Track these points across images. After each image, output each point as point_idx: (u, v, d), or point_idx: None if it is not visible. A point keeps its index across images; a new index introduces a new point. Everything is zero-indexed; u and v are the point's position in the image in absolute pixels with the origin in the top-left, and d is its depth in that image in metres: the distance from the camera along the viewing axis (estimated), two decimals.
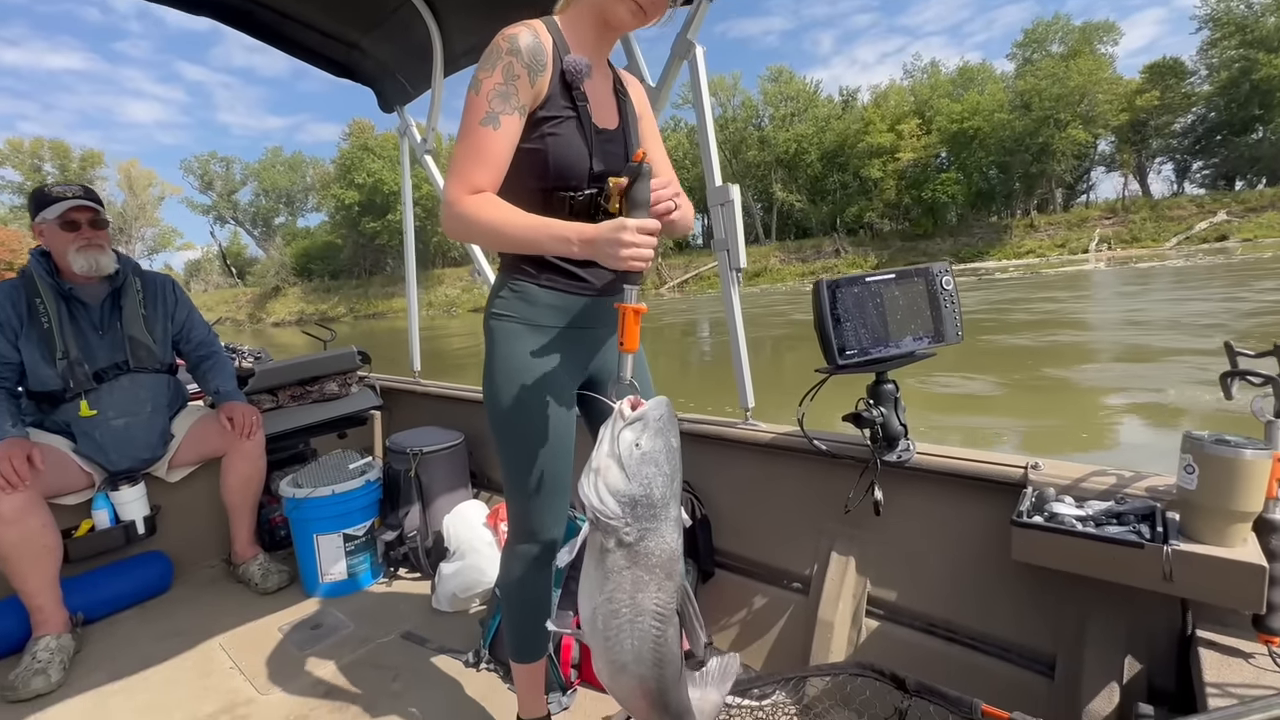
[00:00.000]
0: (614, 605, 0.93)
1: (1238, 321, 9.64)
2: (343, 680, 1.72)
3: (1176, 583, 1.03)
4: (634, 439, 0.90)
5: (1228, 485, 1.00)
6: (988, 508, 1.38)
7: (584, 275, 1.21)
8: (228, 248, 62.74)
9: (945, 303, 1.45)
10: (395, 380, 3.19)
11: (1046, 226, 35.06)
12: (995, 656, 1.36)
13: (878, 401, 1.45)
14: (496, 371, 1.19)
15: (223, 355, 2.42)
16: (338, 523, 2.18)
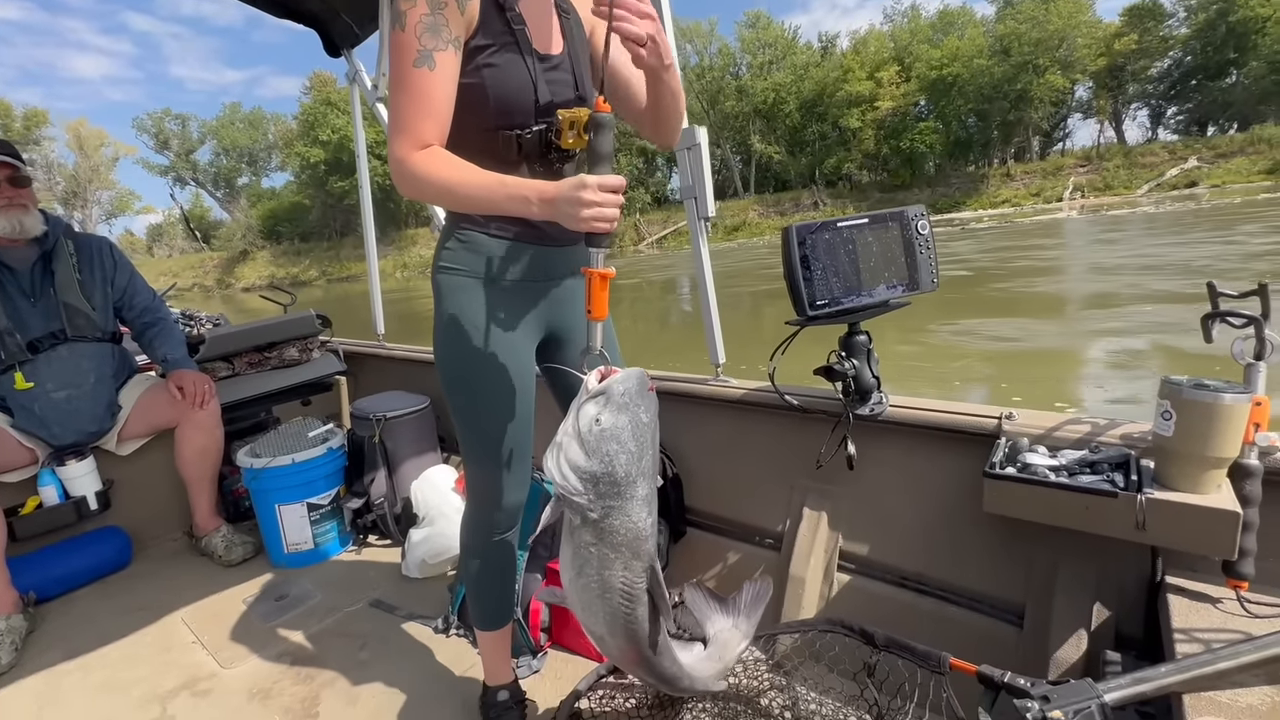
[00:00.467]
0: (585, 579, 0.90)
1: (1202, 267, 9.74)
2: (309, 650, 1.68)
3: (1149, 531, 1.00)
4: (595, 414, 0.85)
5: (1205, 431, 0.96)
6: (961, 459, 1.35)
7: (539, 224, 1.11)
8: (190, 210, 59.78)
9: (921, 248, 1.38)
10: (359, 345, 3.08)
11: (1022, 175, 34.91)
12: (965, 607, 1.35)
13: (850, 354, 1.40)
14: (445, 329, 1.11)
15: (169, 322, 2.29)
16: (300, 492, 2.11)
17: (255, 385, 2.57)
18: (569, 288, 1.20)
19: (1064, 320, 7.62)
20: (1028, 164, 36.71)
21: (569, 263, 1.19)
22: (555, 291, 1.19)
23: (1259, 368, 1.01)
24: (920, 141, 35.88)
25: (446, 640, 1.67)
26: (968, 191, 34.96)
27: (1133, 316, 7.14)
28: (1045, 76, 33.24)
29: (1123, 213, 23.41)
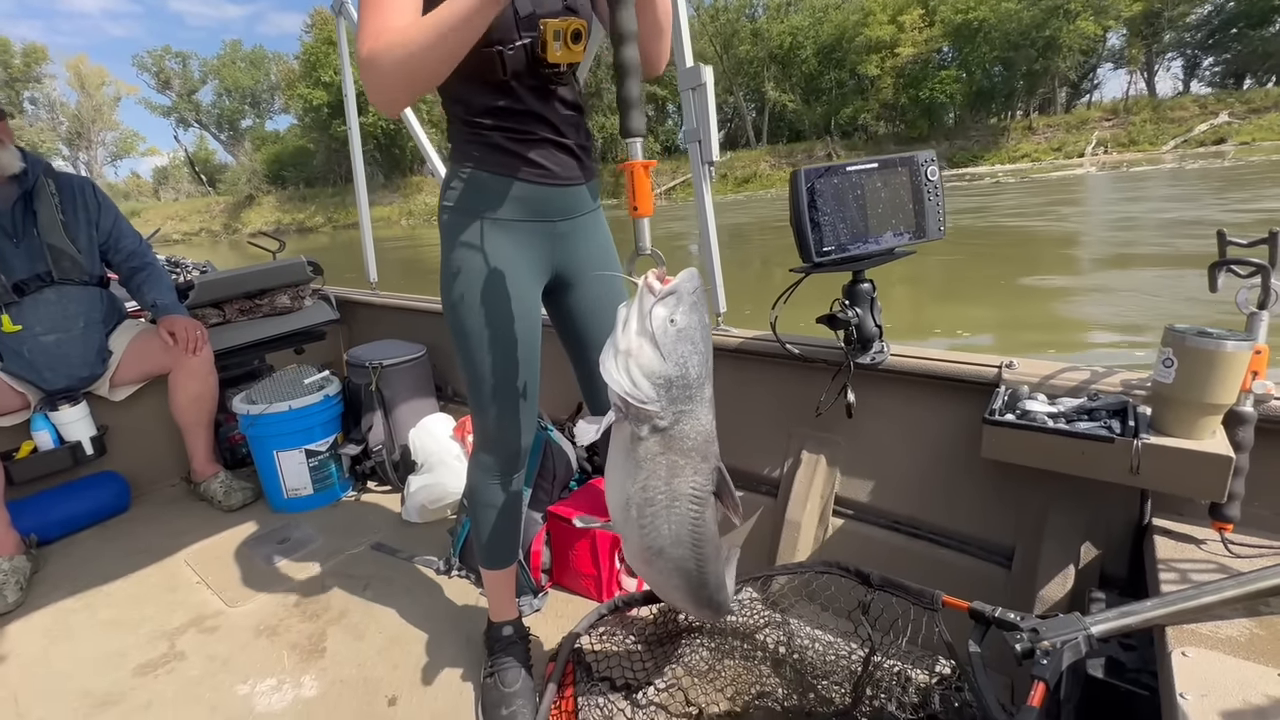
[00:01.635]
0: (649, 493, 0.88)
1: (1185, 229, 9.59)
2: (313, 590, 1.72)
3: (1143, 475, 1.03)
4: (667, 314, 0.81)
5: (1205, 377, 0.97)
6: (960, 408, 1.37)
7: (539, 160, 1.08)
8: (195, 153, 58.07)
9: (929, 195, 1.36)
10: (352, 293, 3.03)
11: (1045, 129, 32.85)
12: (956, 550, 1.39)
13: (853, 302, 1.39)
14: (450, 269, 1.09)
15: (158, 266, 2.24)
16: (298, 438, 2.11)
17: (247, 333, 2.54)
18: (575, 227, 1.18)
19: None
20: (1051, 117, 34.53)
21: (573, 202, 1.16)
22: (560, 231, 1.16)
23: (1262, 316, 1.01)
24: (940, 91, 33.48)
25: (449, 580, 1.71)
26: (986, 145, 32.96)
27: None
28: (1076, 22, 30.54)
29: (1144, 169, 22.30)
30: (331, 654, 1.47)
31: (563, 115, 1.09)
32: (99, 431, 2.16)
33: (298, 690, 1.36)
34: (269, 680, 1.40)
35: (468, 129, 1.07)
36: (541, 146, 1.07)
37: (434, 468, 2.04)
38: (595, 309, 1.24)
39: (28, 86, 48.15)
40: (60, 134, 50.16)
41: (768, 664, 1.26)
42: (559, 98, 1.09)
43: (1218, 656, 0.83)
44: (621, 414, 0.86)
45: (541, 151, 1.07)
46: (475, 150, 1.07)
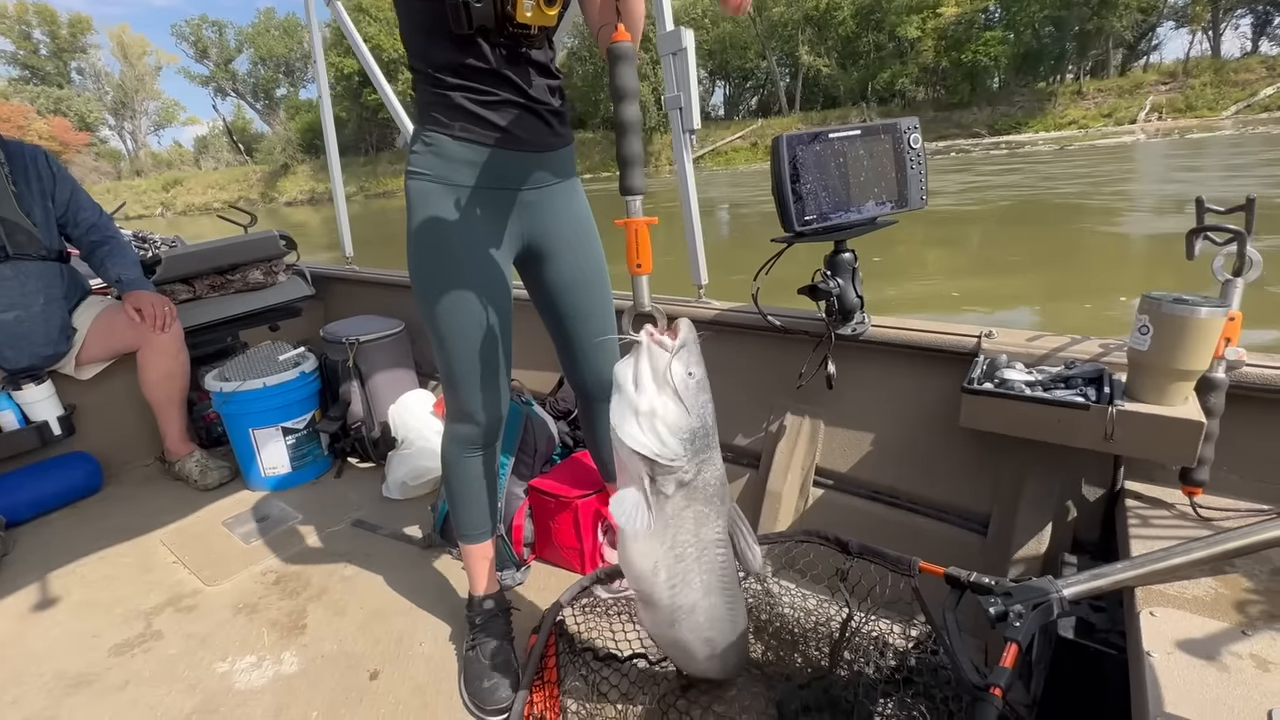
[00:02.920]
0: (679, 549, 0.89)
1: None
2: (294, 568, 1.70)
3: (1117, 441, 1.04)
4: (684, 369, 0.83)
5: (1180, 344, 0.98)
6: (940, 378, 1.37)
7: (505, 124, 1.04)
8: (233, 123, 58.14)
9: (911, 163, 1.34)
10: (328, 268, 2.96)
11: (1096, 93, 30.43)
12: (933, 518, 1.41)
13: (835, 272, 1.38)
14: (414, 237, 1.06)
15: (120, 240, 2.16)
16: (274, 416, 2.07)
17: (219, 309, 2.47)
18: (546, 196, 1.15)
19: None
20: (1103, 81, 31.91)
21: (543, 169, 1.12)
22: (531, 200, 1.13)
23: (1236, 283, 1.02)
24: (985, 53, 30.92)
25: (431, 556, 1.70)
26: (1031, 111, 30.59)
27: None
28: None
29: (1199, 136, 20.96)
30: (312, 630, 1.46)
31: (533, 78, 1.05)
32: (66, 411, 2.10)
33: (278, 667, 1.36)
34: (249, 657, 1.39)
35: (430, 88, 1.03)
36: (508, 109, 1.04)
37: (415, 444, 2.02)
38: (572, 282, 1.21)
39: (74, 56, 49.91)
40: (106, 104, 52.30)
41: (750, 630, 1.28)
42: (530, 60, 1.05)
43: (1183, 615, 0.84)
44: (644, 475, 0.84)
45: (507, 115, 1.04)
46: (437, 113, 1.03)
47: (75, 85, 51.04)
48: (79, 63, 50.95)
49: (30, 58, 49.11)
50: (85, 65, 51.22)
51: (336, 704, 1.24)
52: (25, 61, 48.97)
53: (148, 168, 54.89)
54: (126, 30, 52.42)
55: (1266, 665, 0.76)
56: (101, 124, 53.31)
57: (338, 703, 1.25)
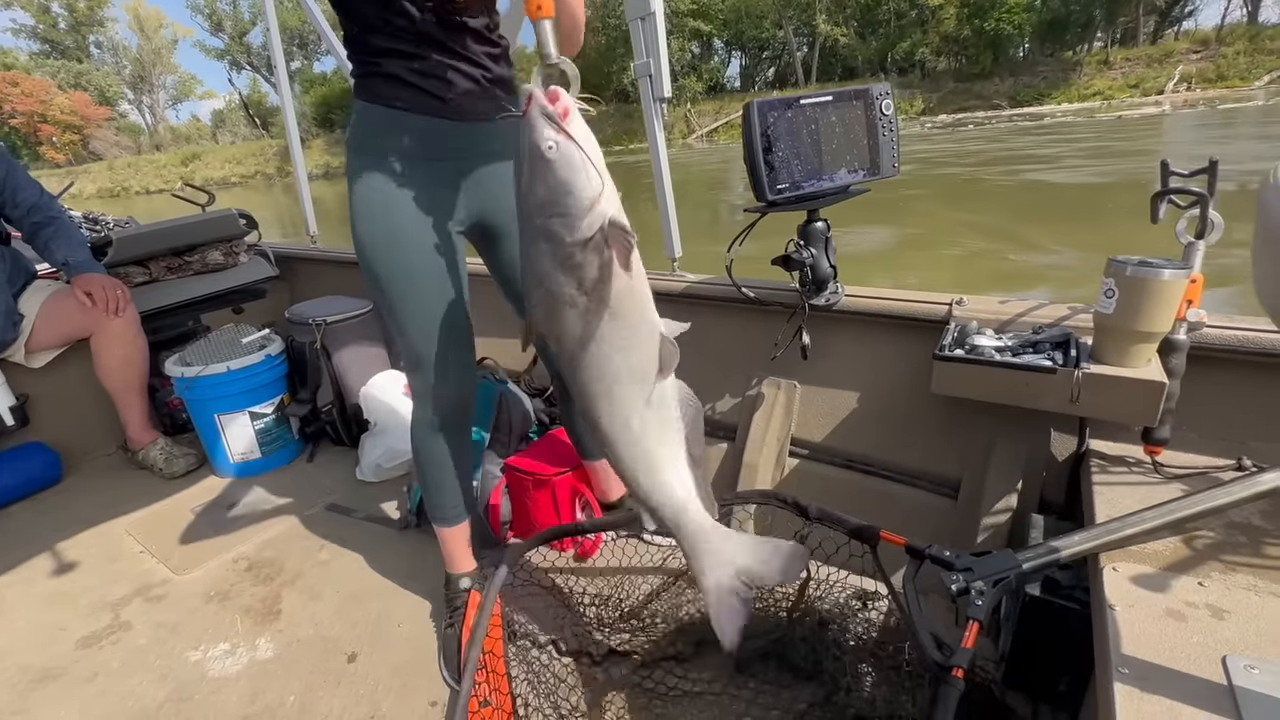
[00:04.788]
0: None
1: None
2: (266, 554, 1.67)
3: (1082, 403, 1.06)
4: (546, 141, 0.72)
5: (1143, 306, 1.00)
6: (912, 346, 1.38)
7: (439, 92, 1.00)
8: (249, 97, 57.26)
9: (884, 130, 1.33)
10: (292, 248, 2.87)
11: (1123, 63, 29.23)
12: (906, 484, 1.43)
13: (808, 242, 1.37)
14: (355, 214, 1.03)
15: (65, 221, 2.05)
16: (241, 400, 2.02)
17: (177, 292, 2.38)
18: (492, 171, 1.11)
19: None
20: (1132, 50, 30.62)
21: (483, 140, 1.08)
22: (475, 174, 1.09)
23: (1198, 246, 1.04)
24: (1009, 21, 29.84)
25: (407, 537, 1.68)
26: (1055, 82, 29.45)
27: None
28: None
29: (1231, 107, 19.91)
30: (287, 615, 1.44)
31: (469, 44, 1.01)
32: (18, 401, 2.02)
33: (253, 653, 1.34)
34: (222, 645, 1.37)
35: (363, 56, 0.99)
36: (441, 77, 0.99)
37: (387, 425, 1.99)
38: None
39: (92, 30, 50.38)
40: (124, 78, 52.86)
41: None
42: (466, 26, 1.00)
43: (1144, 569, 0.87)
44: None
45: (439, 82, 0.99)
46: (370, 82, 0.99)
47: (94, 59, 51.73)
48: (97, 36, 51.68)
49: (50, 31, 49.33)
50: (103, 39, 52.13)
51: (314, 687, 1.23)
52: (45, 35, 49.18)
53: (166, 142, 54.33)
54: (142, 3, 52.62)
55: (1221, 614, 0.79)
56: (121, 98, 53.44)
57: (315, 685, 1.23)
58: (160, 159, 46.17)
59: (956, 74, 33.38)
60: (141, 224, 2.48)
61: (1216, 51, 27.84)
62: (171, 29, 54.51)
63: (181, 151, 48.59)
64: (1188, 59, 28.18)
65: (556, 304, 0.78)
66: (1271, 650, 0.73)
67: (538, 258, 0.77)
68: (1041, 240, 6.69)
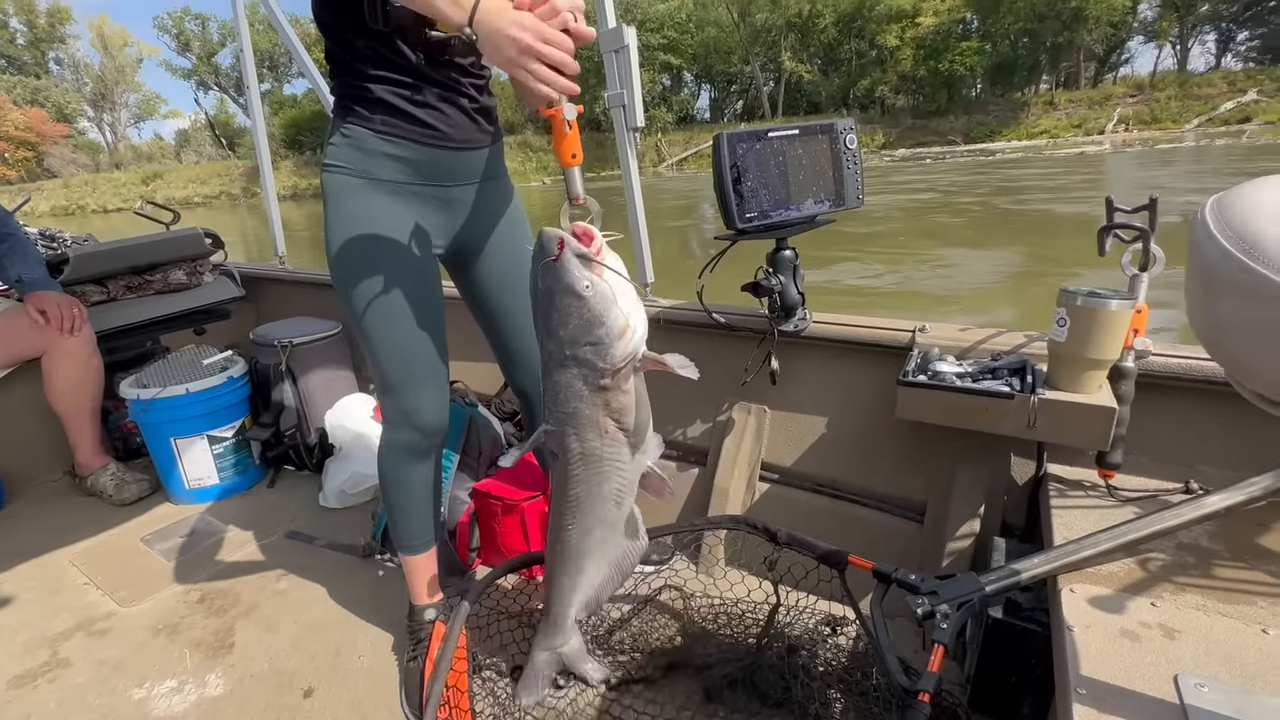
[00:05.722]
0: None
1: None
2: (220, 584, 1.60)
3: (1038, 428, 1.09)
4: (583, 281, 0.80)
5: (1093, 335, 1.04)
6: (877, 371, 1.41)
7: (429, 120, 1.01)
8: (215, 117, 56.77)
9: (848, 163, 1.38)
10: (259, 268, 2.82)
11: (1067, 104, 31.73)
12: (874, 508, 1.44)
13: (777, 269, 1.40)
14: (332, 231, 1.02)
15: (20, 238, 1.99)
16: (199, 424, 1.95)
17: (136, 311, 2.31)
18: (474, 194, 1.12)
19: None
20: (1074, 92, 33.42)
21: (469, 166, 1.09)
22: (457, 199, 1.10)
23: (1143, 278, 1.09)
24: (961, 63, 32.68)
25: (370, 565, 1.63)
26: (1005, 121, 32.01)
27: None
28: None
29: (1166, 147, 21.43)
30: (240, 649, 1.38)
31: (456, 77, 1.02)
32: None
33: (202, 690, 1.27)
34: (168, 682, 1.30)
35: (349, 78, 0.99)
36: (432, 105, 1.01)
37: (353, 450, 1.94)
38: (502, 283, 1.19)
39: (52, 47, 49.23)
40: (84, 95, 51.65)
41: (674, 624, 1.29)
42: (456, 63, 1.02)
43: (1100, 590, 0.89)
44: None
45: (431, 111, 1.01)
46: (358, 105, 0.99)
47: (53, 75, 50.79)
48: (57, 53, 50.76)
49: (7, 47, 48.33)
50: (64, 56, 50.99)
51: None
52: (1, 51, 48.15)
53: (127, 160, 53.13)
54: (106, 21, 51.84)
55: (1172, 634, 0.81)
56: (80, 115, 52.30)
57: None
58: (120, 177, 45.35)
59: (914, 111, 35.56)
60: (101, 242, 2.41)
61: (1150, 96, 30.30)
62: (137, 48, 53.97)
63: (142, 170, 47.94)
64: (1125, 102, 30.59)
65: (582, 424, 0.86)
66: (1220, 668, 0.75)
67: (569, 382, 0.84)
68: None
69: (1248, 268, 0.46)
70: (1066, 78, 35.96)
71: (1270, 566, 0.92)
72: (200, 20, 52.78)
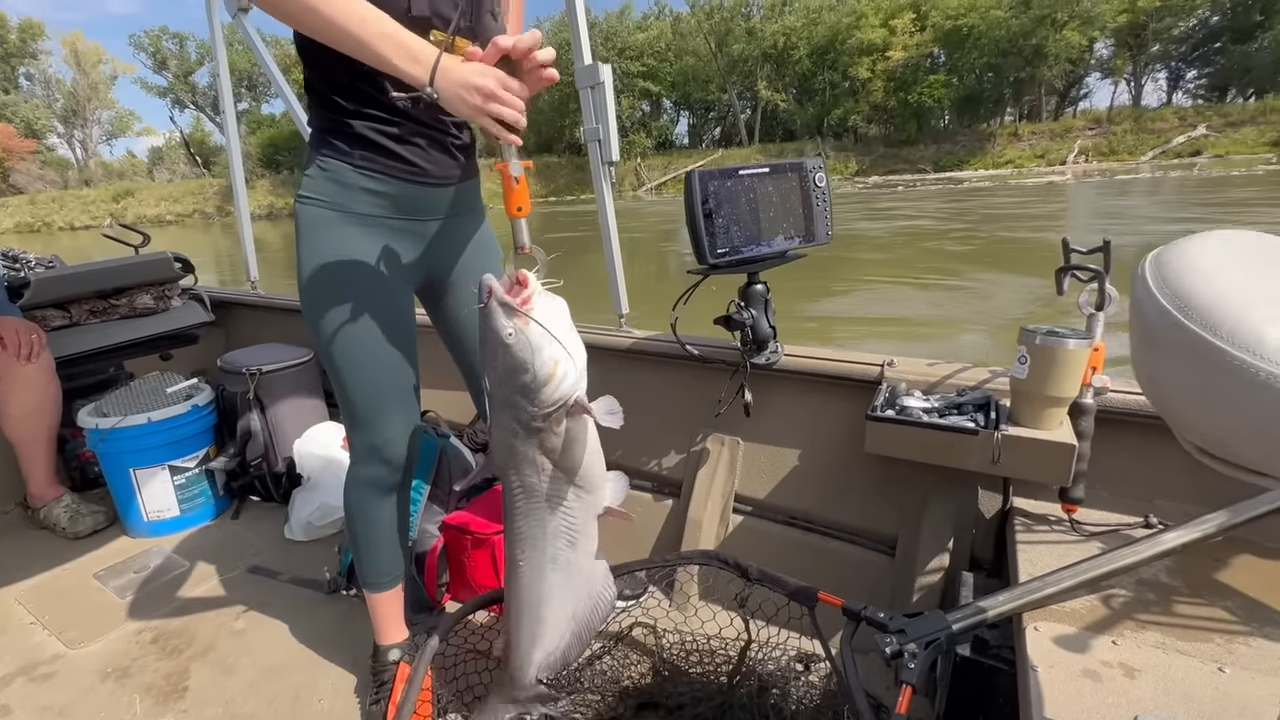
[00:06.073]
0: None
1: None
2: (176, 623, 1.54)
3: (1002, 464, 1.11)
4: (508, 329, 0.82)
5: (1052, 373, 1.07)
6: (847, 405, 1.43)
7: (410, 156, 1.02)
8: (190, 135, 56.89)
9: (817, 200, 1.41)
10: (230, 293, 2.78)
11: (1030, 135, 33.71)
12: (846, 542, 1.45)
13: (748, 303, 1.42)
14: (306, 264, 1.01)
15: None
16: (161, 454, 1.90)
17: (99, 336, 2.26)
18: (447, 228, 1.12)
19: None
20: (1037, 124, 35.52)
21: (447, 201, 1.10)
22: (433, 232, 1.11)
23: (1099, 317, 1.12)
24: (929, 95, 34.49)
25: (335, 601, 1.59)
26: (973, 150, 33.78)
27: None
28: (1063, 32, 31.55)
29: (1124, 178, 22.58)
30: (195, 693, 1.32)
31: (437, 115, 1.03)
32: None
33: None
34: None
35: (329, 112, 0.99)
36: (413, 142, 1.01)
37: (322, 481, 1.90)
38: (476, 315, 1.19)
39: (23, 62, 48.75)
40: (55, 111, 51.70)
41: (645, 661, 1.27)
42: (435, 120, 1.03)
43: (1063, 629, 0.90)
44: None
45: (412, 148, 1.01)
46: (337, 139, 0.99)
47: (24, 91, 50.23)
48: (28, 68, 50.28)
49: None
50: (35, 71, 50.48)
51: None
52: None
53: (98, 177, 52.61)
54: (80, 38, 51.30)
55: (1133, 673, 0.82)
56: (50, 131, 51.85)
57: None
58: (89, 194, 44.99)
59: (886, 140, 37.06)
60: (67, 265, 2.36)
61: (1108, 129, 32.17)
62: (111, 65, 53.47)
63: (113, 187, 47.58)
64: (1084, 134, 32.48)
65: (519, 461, 0.88)
66: (1178, 708, 0.76)
67: (505, 421, 0.86)
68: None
69: (1183, 326, 0.47)
70: (1029, 110, 38.21)
71: (1226, 603, 0.94)
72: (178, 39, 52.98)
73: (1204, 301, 0.47)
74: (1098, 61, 38.15)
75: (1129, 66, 37.10)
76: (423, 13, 0.92)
